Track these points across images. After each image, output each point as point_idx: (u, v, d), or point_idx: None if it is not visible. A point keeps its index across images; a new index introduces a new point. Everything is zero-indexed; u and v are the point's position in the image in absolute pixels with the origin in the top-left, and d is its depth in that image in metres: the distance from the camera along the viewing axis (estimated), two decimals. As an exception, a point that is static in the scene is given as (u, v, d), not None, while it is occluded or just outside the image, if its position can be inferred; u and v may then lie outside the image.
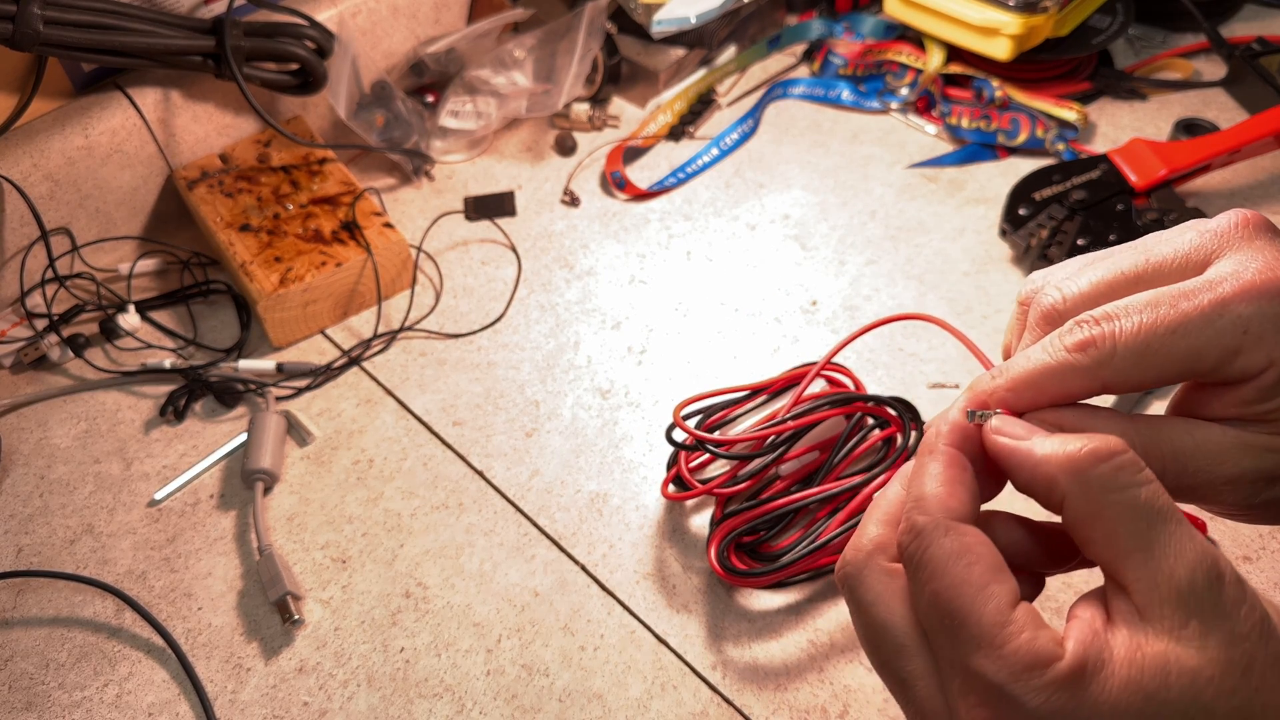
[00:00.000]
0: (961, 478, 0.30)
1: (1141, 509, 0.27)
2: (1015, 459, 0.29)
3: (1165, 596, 0.26)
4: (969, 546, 0.28)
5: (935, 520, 0.29)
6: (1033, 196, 0.68)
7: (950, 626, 0.28)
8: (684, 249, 0.70)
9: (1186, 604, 0.26)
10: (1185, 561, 0.26)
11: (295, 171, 0.70)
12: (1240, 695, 0.26)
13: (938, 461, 0.30)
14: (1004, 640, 0.26)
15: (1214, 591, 0.26)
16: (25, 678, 0.51)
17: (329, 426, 0.61)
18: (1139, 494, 0.27)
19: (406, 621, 0.52)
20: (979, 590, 0.27)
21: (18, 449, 0.61)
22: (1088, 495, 0.27)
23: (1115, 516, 0.27)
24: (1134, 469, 0.27)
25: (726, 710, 0.48)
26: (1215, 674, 0.26)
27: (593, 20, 0.75)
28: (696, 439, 0.53)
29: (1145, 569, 0.27)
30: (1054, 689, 0.26)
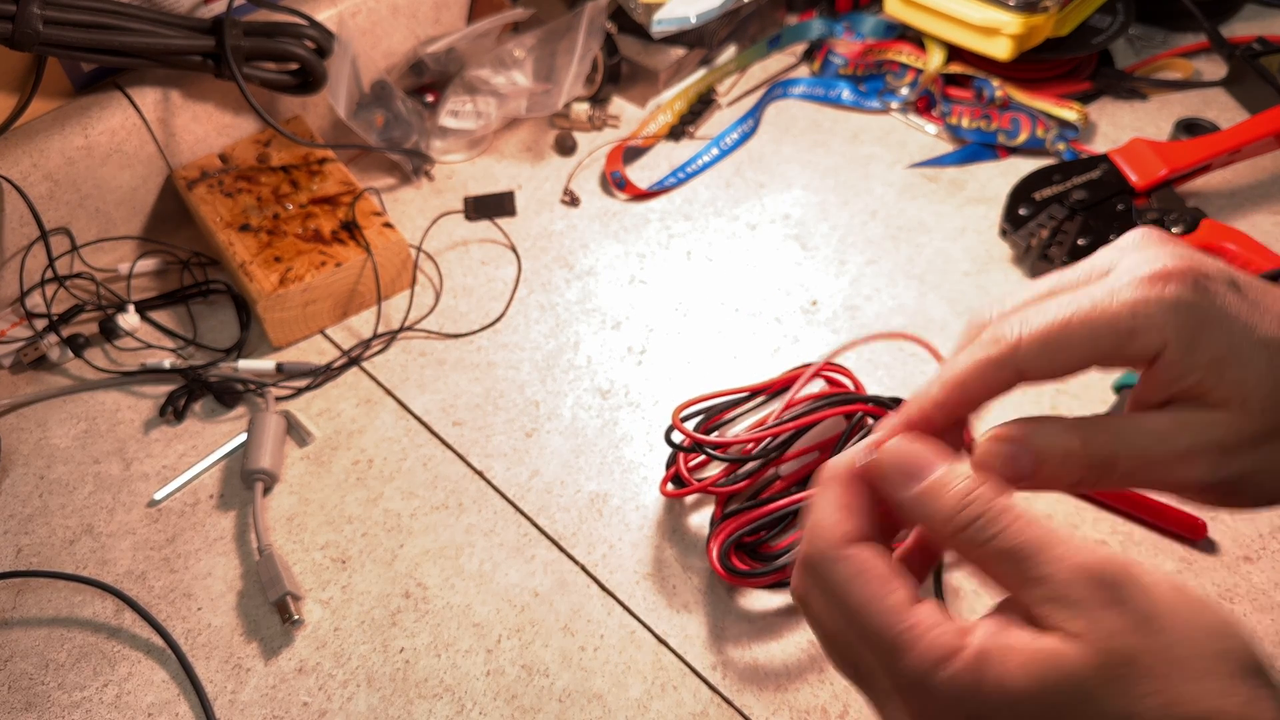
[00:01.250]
0: (849, 504, 0.33)
1: (1011, 551, 0.30)
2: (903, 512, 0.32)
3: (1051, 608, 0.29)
4: (860, 566, 0.31)
5: (824, 550, 0.32)
6: (1033, 196, 0.68)
7: (865, 639, 0.31)
8: (684, 249, 0.70)
9: (1071, 606, 0.29)
10: (1064, 573, 0.29)
11: (295, 171, 0.70)
12: (1124, 683, 0.28)
13: (830, 489, 0.33)
14: (912, 643, 0.29)
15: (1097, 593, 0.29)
16: (25, 678, 0.51)
17: (329, 427, 0.61)
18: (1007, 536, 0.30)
19: (406, 622, 0.52)
20: (879, 603, 0.30)
21: (17, 449, 0.61)
22: (966, 548, 0.31)
23: (994, 559, 0.30)
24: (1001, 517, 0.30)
25: (727, 710, 0.48)
26: (1099, 663, 0.28)
27: (593, 20, 0.75)
28: (694, 441, 0.53)
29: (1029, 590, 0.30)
30: (961, 674, 0.29)
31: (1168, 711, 0.28)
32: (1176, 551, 0.53)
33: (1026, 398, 0.60)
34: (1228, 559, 0.52)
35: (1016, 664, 0.29)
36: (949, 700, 0.29)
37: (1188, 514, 0.53)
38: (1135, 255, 0.34)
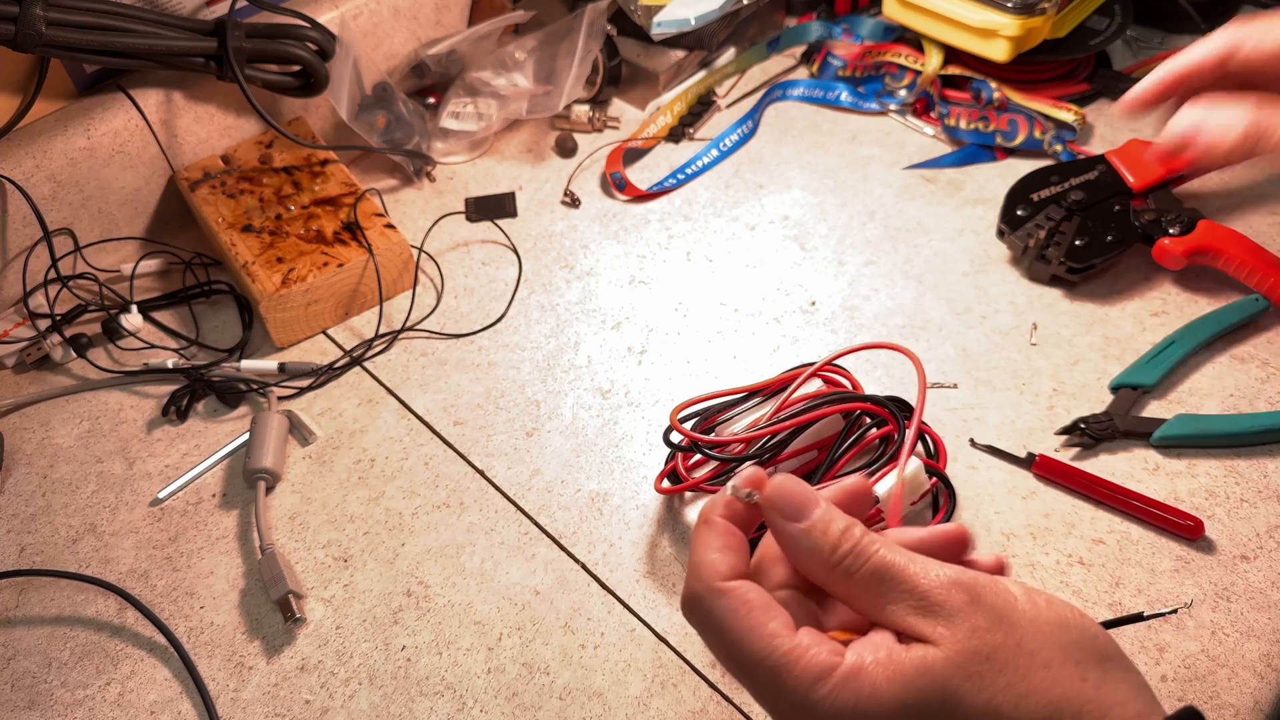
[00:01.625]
0: (729, 544, 0.35)
1: (878, 572, 0.33)
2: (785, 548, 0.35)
3: (915, 620, 0.32)
4: (741, 599, 0.33)
5: (705, 585, 0.34)
6: (1031, 197, 0.68)
7: (749, 669, 0.32)
8: (684, 250, 0.71)
9: (931, 616, 0.32)
10: (921, 589, 0.32)
11: (297, 172, 0.70)
12: (985, 678, 0.31)
13: (710, 531, 0.35)
14: (792, 664, 0.31)
15: (951, 600, 0.32)
16: (28, 676, 0.51)
17: (331, 426, 0.61)
18: (872, 566, 0.33)
19: (408, 620, 0.53)
20: (760, 632, 0.32)
21: (20, 449, 0.61)
22: (840, 582, 0.33)
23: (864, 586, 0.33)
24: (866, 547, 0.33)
25: (726, 708, 0.49)
26: (960, 662, 0.31)
27: (593, 22, 0.75)
28: (692, 441, 0.53)
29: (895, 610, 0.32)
30: (836, 691, 0.31)
31: (1023, 700, 0.31)
32: (1174, 550, 0.53)
33: (1024, 397, 0.60)
34: (1225, 558, 0.52)
35: (885, 675, 0.31)
36: (828, 717, 0.31)
37: (1185, 513, 0.53)
38: None
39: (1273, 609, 0.50)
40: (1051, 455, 0.56)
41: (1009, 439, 0.58)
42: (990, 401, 0.60)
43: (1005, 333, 0.64)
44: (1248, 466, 0.56)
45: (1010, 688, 0.31)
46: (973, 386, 0.61)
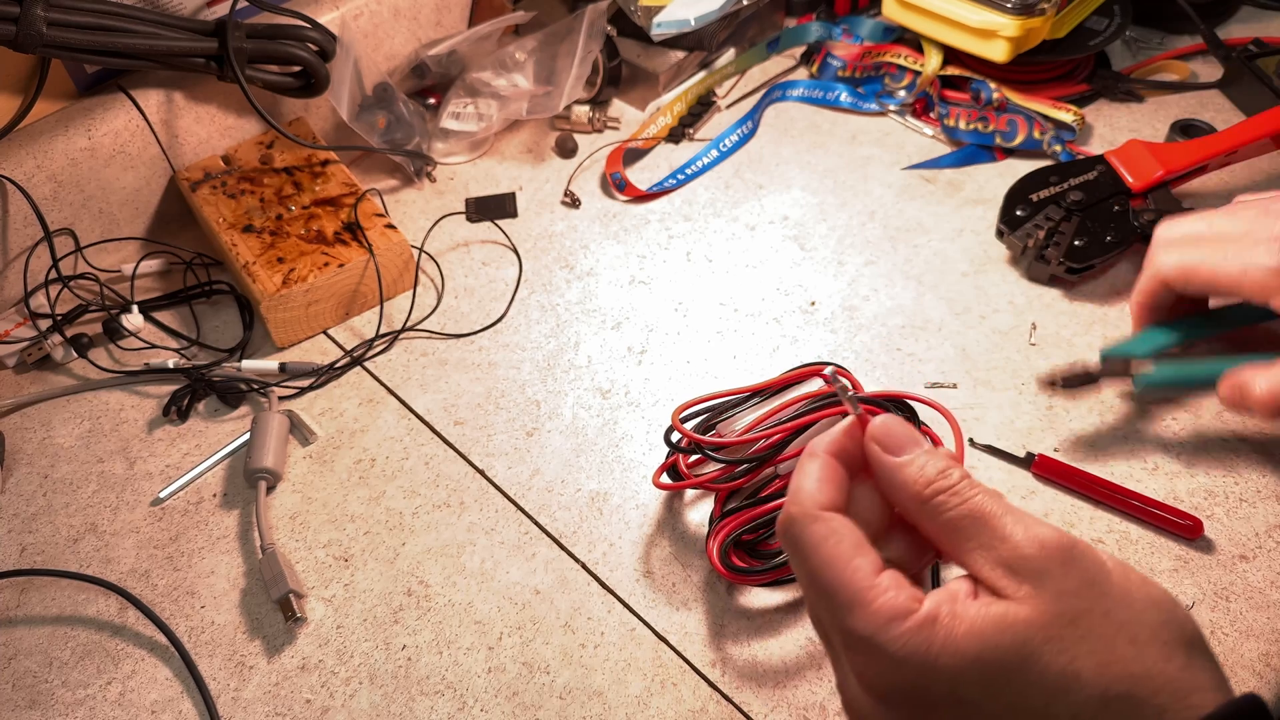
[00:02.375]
0: (831, 477, 0.36)
1: (970, 520, 0.33)
2: (881, 476, 0.36)
3: (1002, 573, 0.32)
4: (834, 529, 0.34)
5: (805, 510, 0.35)
6: (1030, 197, 0.68)
7: (825, 595, 0.33)
8: (684, 250, 0.71)
9: (1018, 573, 0.32)
10: (1011, 545, 0.32)
11: (298, 173, 0.70)
12: (1066, 640, 0.31)
13: (814, 462, 0.36)
14: (870, 601, 0.32)
15: (1041, 560, 0.32)
16: (29, 676, 0.51)
17: (331, 426, 0.62)
18: (968, 509, 0.33)
19: (408, 619, 0.53)
20: (845, 563, 0.33)
21: (21, 448, 0.61)
22: (930, 518, 0.34)
23: (953, 530, 0.33)
24: (965, 490, 0.33)
25: (726, 707, 0.49)
26: (1044, 623, 0.31)
27: (593, 23, 0.75)
28: (693, 441, 0.53)
29: (980, 558, 0.33)
30: (910, 635, 0.31)
31: (1106, 670, 0.30)
32: (1173, 550, 0.53)
33: (1024, 397, 0.60)
34: (1224, 558, 0.53)
35: (964, 629, 0.31)
36: (894, 659, 0.31)
37: (1184, 513, 0.53)
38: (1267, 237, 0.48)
39: (1272, 609, 0.50)
40: (1051, 455, 0.57)
41: (1008, 439, 0.58)
42: (989, 401, 0.60)
43: (1004, 333, 0.64)
44: (1247, 466, 0.56)
45: (1093, 654, 0.31)
46: (972, 386, 0.61)
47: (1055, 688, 0.31)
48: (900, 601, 0.32)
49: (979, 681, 0.31)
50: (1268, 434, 0.57)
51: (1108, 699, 0.30)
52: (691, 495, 0.57)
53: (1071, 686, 0.30)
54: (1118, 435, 0.58)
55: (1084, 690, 0.30)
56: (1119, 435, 0.58)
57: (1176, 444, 0.58)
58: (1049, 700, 0.31)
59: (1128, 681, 0.31)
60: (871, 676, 0.32)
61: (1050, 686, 0.31)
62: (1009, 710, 0.31)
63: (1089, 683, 0.30)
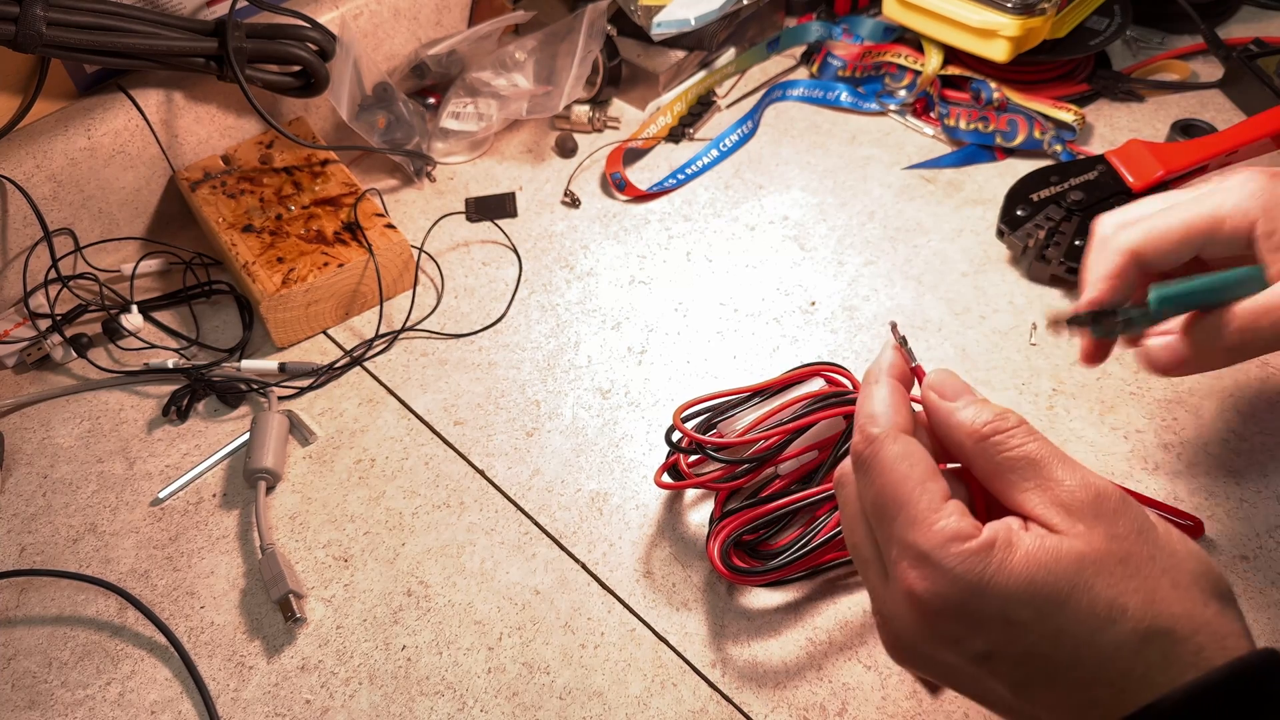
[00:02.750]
0: (903, 402, 0.38)
1: (1027, 461, 0.35)
2: (937, 417, 0.38)
3: (1056, 512, 0.34)
4: (912, 451, 0.36)
5: (886, 430, 0.36)
6: (1030, 197, 0.68)
7: (893, 509, 0.35)
8: (684, 250, 0.71)
9: (1071, 513, 0.34)
10: (1066, 488, 0.34)
11: (297, 173, 0.70)
12: (1115, 576, 0.33)
13: (884, 387, 0.38)
14: (934, 520, 0.34)
15: (1095, 504, 0.34)
16: (28, 676, 0.51)
17: (331, 426, 0.61)
18: (1025, 451, 0.35)
19: (408, 620, 0.53)
20: (919, 484, 0.35)
21: (21, 448, 0.61)
22: (986, 457, 0.36)
23: (1009, 469, 0.35)
24: (1023, 434, 0.35)
25: (726, 708, 0.49)
26: (1096, 558, 0.33)
27: (593, 22, 0.75)
28: (694, 442, 0.53)
29: (1035, 498, 0.34)
30: (967, 555, 0.33)
31: (1151, 606, 0.32)
32: (1173, 550, 0.53)
33: (1024, 397, 0.60)
34: (1224, 558, 0.52)
35: (1020, 556, 0.33)
36: (951, 576, 0.33)
37: (1185, 513, 0.53)
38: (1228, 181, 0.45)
39: (1273, 609, 0.50)
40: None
41: (1009, 439, 0.58)
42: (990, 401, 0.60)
43: (1004, 333, 0.64)
44: (1247, 466, 0.56)
45: (1139, 591, 0.33)
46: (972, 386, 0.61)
47: (1103, 617, 0.32)
48: (964, 526, 0.34)
49: (1031, 604, 0.33)
50: (1268, 434, 0.57)
51: (1151, 633, 0.32)
52: (692, 496, 0.57)
53: (1118, 618, 0.32)
54: (1118, 435, 0.58)
55: (1129, 623, 0.32)
56: (1120, 435, 0.58)
57: (1177, 444, 0.58)
58: (1096, 629, 0.32)
59: (1169, 620, 0.32)
60: (923, 592, 0.34)
61: (1099, 616, 0.32)
62: (1055, 635, 0.33)
63: (1134, 616, 0.32)
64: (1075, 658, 0.33)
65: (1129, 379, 0.61)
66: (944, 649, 0.35)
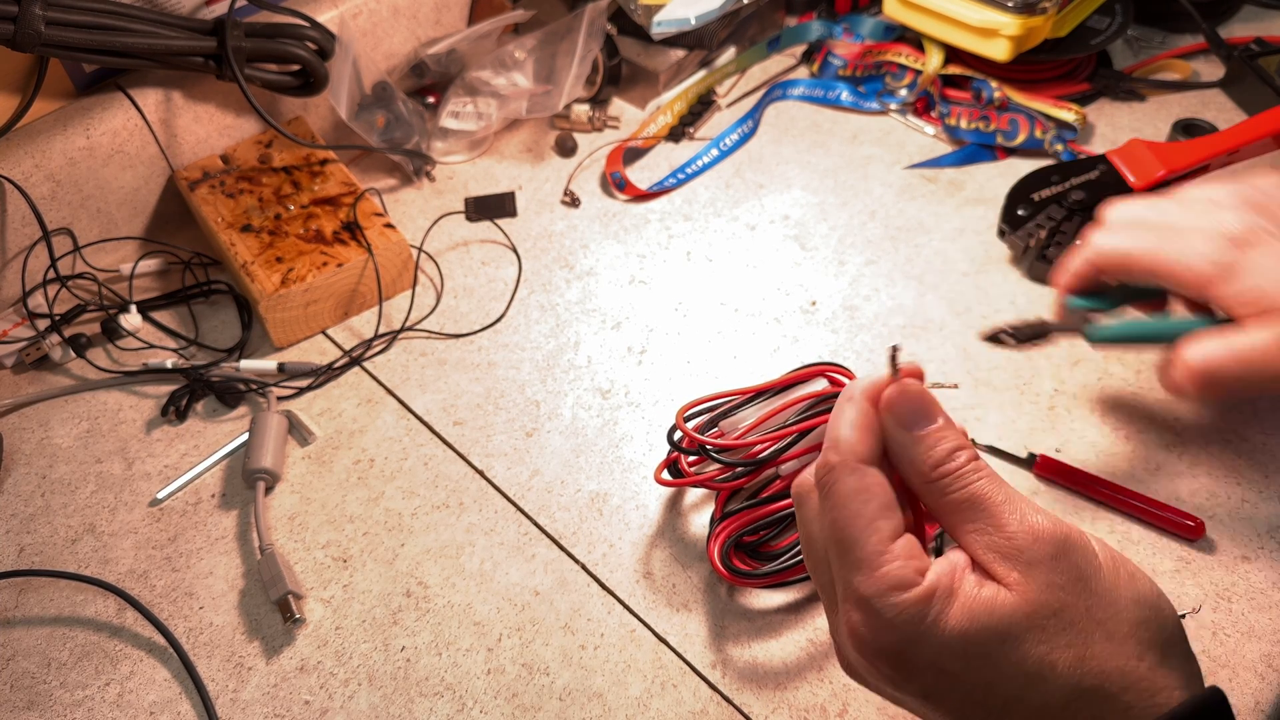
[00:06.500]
0: (870, 425, 0.37)
1: (971, 503, 0.34)
2: (891, 448, 0.37)
3: (994, 558, 0.34)
4: (868, 486, 0.35)
5: (844, 460, 0.36)
6: (1031, 197, 0.68)
7: (841, 548, 0.35)
8: (684, 249, 0.71)
9: (1009, 560, 0.33)
10: (1007, 533, 0.33)
11: (296, 172, 0.70)
12: (1047, 631, 0.32)
13: (854, 409, 0.37)
14: (877, 566, 0.34)
15: (1033, 550, 0.33)
16: (27, 677, 0.51)
17: (330, 426, 0.61)
18: (970, 492, 0.34)
19: (407, 620, 0.52)
20: (868, 523, 0.34)
21: (19, 449, 0.61)
22: (934, 496, 0.35)
23: (954, 510, 0.35)
24: (970, 473, 0.35)
25: (726, 709, 0.49)
26: (1029, 611, 0.32)
27: (593, 21, 0.75)
28: (695, 442, 0.53)
29: (978, 540, 0.34)
30: (905, 607, 0.33)
31: (1080, 665, 0.32)
32: (1175, 551, 0.53)
33: (1025, 397, 0.60)
34: (1225, 558, 0.52)
35: (957, 607, 0.33)
36: (888, 624, 0.33)
37: (1186, 514, 0.53)
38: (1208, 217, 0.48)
39: (1273, 609, 0.50)
40: (1053, 455, 0.56)
41: (1010, 439, 0.58)
42: (990, 401, 0.60)
43: (1006, 333, 0.64)
44: (1248, 466, 0.56)
45: (1070, 647, 0.32)
46: (973, 386, 0.61)
47: (1031, 674, 0.32)
48: (906, 573, 0.33)
49: (961, 657, 0.33)
50: (1269, 434, 0.57)
51: (1078, 691, 0.32)
52: (692, 497, 0.57)
53: (1046, 675, 0.32)
54: (1119, 435, 0.58)
55: (1057, 680, 0.32)
56: (1120, 435, 0.58)
57: (1178, 444, 0.57)
58: (1024, 685, 0.32)
59: (1099, 677, 0.32)
60: (863, 634, 0.34)
61: (1027, 672, 0.32)
62: (983, 687, 0.33)
63: (1063, 674, 0.32)
64: (1005, 710, 0.33)
65: (1130, 379, 0.61)
66: (885, 685, 0.36)
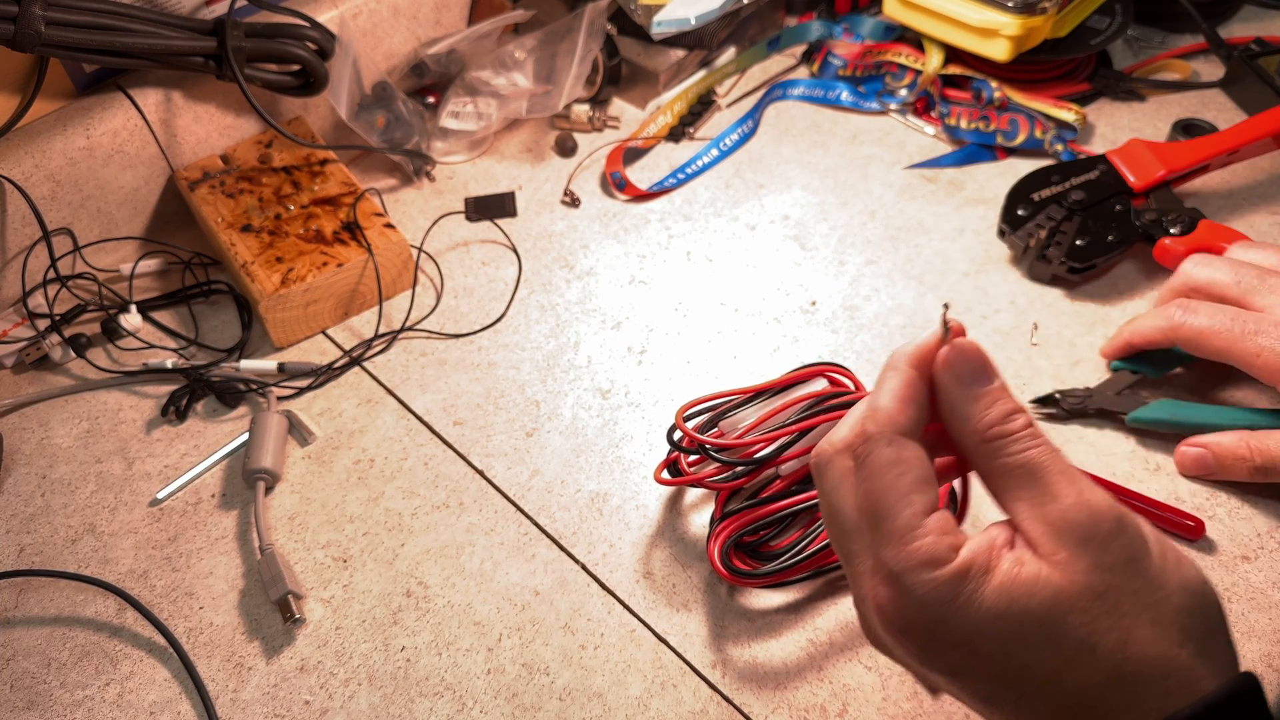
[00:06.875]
0: (913, 396, 0.36)
1: (1026, 470, 0.33)
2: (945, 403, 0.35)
3: (1043, 531, 0.32)
4: (904, 458, 0.34)
5: (882, 431, 0.35)
6: (1031, 197, 0.68)
7: (874, 520, 0.34)
8: (684, 249, 0.71)
9: (1059, 535, 0.32)
10: (1060, 506, 0.32)
11: (296, 172, 0.70)
12: (1090, 614, 0.31)
13: (897, 379, 0.36)
14: (910, 540, 0.32)
15: (1086, 528, 0.32)
16: (27, 677, 0.51)
17: (330, 426, 0.61)
18: (1025, 459, 0.33)
19: (407, 620, 0.52)
20: (902, 497, 0.33)
21: (20, 449, 0.61)
22: (986, 458, 0.34)
23: (1006, 475, 0.34)
24: (1027, 439, 0.34)
25: (726, 709, 0.49)
26: (1073, 594, 0.31)
27: (593, 21, 0.75)
28: (695, 441, 0.53)
29: (1027, 511, 0.33)
30: (938, 584, 0.32)
31: (1122, 649, 0.31)
32: (1174, 550, 0.53)
33: (1025, 397, 0.60)
34: (1225, 558, 0.52)
35: (993, 586, 0.31)
36: (919, 601, 0.32)
37: (1186, 513, 0.53)
38: None
39: (1273, 609, 0.50)
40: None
41: (1010, 439, 0.58)
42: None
43: (1006, 333, 0.64)
44: (1249, 467, 0.56)
45: (1114, 630, 0.31)
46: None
47: (1070, 657, 0.31)
48: (939, 549, 0.32)
49: (997, 639, 0.32)
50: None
51: (1117, 676, 0.31)
52: (693, 497, 0.57)
53: (1086, 659, 0.31)
54: (1120, 435, 0.58)
55: (1097, 664, 0.31)
56: (1121, 435, 0.58)
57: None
58: (1061, 668, 0.31)
59: (1141, 663, 0.31)
60: (891, 610, 0.33)
61: (1066, 656, 0.31)
62: (1019, 670, 0.32)
63: (1103, 658, 0.31)
64: (1039, 693, 0.32)
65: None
66: (914, 660, 0.35)
